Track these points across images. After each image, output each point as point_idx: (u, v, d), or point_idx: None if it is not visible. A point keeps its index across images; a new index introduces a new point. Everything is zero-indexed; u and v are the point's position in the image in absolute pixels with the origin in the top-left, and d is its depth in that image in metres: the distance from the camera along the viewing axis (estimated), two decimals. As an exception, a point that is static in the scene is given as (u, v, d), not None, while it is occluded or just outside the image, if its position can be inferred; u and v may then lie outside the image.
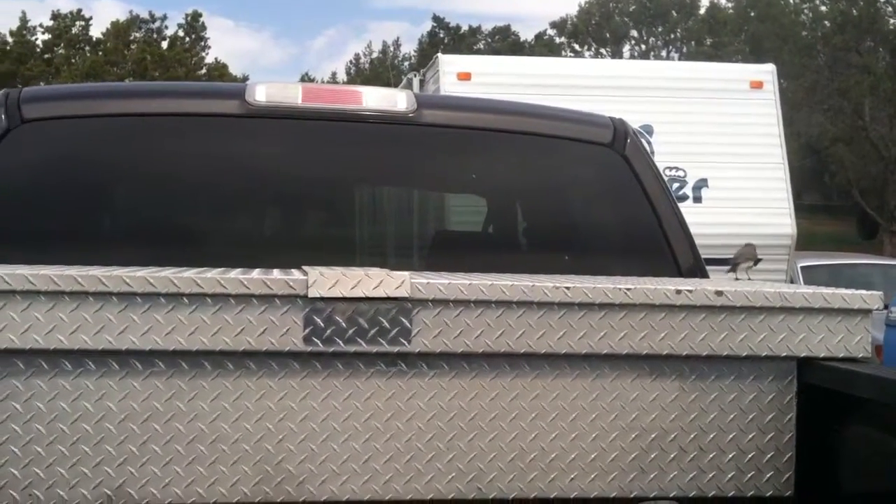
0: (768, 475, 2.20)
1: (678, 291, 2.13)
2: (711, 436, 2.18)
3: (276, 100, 2.85)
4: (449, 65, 9.29)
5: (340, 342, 2.04)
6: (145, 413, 2.01)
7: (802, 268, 11.15)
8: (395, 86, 14.29)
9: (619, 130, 3.03)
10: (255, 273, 2.09)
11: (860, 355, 2.20)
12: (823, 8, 35.53)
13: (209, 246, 2.84)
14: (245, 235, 2.98)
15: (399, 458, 2.09)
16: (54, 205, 2.75)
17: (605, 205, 3.05)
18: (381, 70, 52.48)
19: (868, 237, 36.21)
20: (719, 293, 2.15)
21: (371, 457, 2.08)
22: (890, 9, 34.97)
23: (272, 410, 2.05)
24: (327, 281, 2.03)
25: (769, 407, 2.20)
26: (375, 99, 2.92)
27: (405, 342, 2.05)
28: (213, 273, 2.05)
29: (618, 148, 2.99)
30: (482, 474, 2.11)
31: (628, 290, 2.12)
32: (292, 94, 2.88)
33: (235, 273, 2.07)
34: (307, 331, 2.03)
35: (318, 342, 2.03)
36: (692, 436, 2.18)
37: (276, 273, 2.11)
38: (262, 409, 2.05)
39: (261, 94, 2.84)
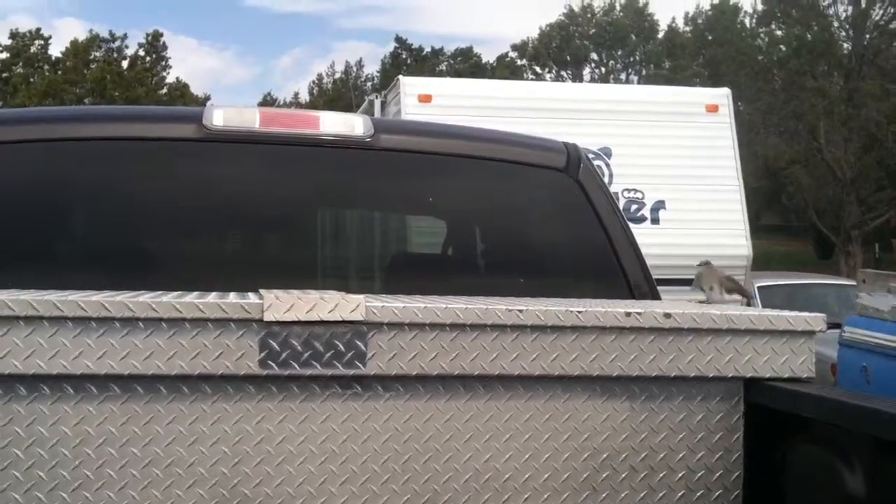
0: (717, 493, 2.24)
1: (628, 314, 2.18)
2: (661, 455, 2.22)
3: (234, 124, 2.87)
4: (410, 87, 9.36)
5: (296, 365, 2.05)
6: (101, 437, 2.01)
7: (759, 288, 11.30)
8: (358, 106, 14.31)
9: (572, 155, 3.09)
10: (211, 297, 2.10)
11: (804, 375, 2.26)
12: (779, 32, 36.15)
13: (167, 270, 2.85)
14: (203, 259, 2.98)
15: (355, 481, 2.11)
16: (8, 229, 2.74)
17: (559, 228, 3.09)
18: (343, 91, 52.51)
19: (824, 257, 36.75)
20: (668, 315, 2.19)
21: (327, 479, 2.10)
22: (844, 34, 35.70)
23: (228, 434, 2.06)
24: (283, 305, 2.05)
25: (717, 426, 2.25)
26: (333, 124, 2.95)
27: (360, 365, 2.07)
28: (169, 297, 2.06)
29: (571, 173, 3.05)
30: (437, 496, 2.14)
31: (580, 312, 2.16)
32: (249, 119, 2.90)
33: (191, 297, 2.08)
34: (263, 354, 2.04)
35: (274, 365, 2.04)
36: (642, 455, 2.22)
37: (232, 297, 2.12)
38: (217, 432, 2.06)
39: (218, 119, 2.86)
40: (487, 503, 2.16)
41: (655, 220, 9.31)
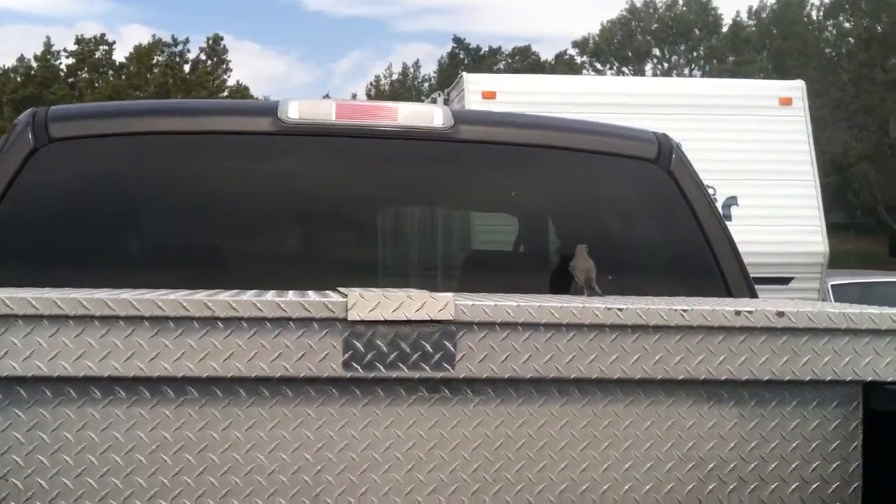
0: None
1: (737, 313, 2.03)
2: (773, 465, 2.07)
3: (310, 117, 2.79)
4: (474, 83, 9.22)
5: (381, 367, 1.94)
6: (178, 443, 1.92)
7: (833, 286, 10.96)
8: (418, 106, 14.20)
9: (663, 145, 2.95)
10: (292, 295, 2.00)
11: None
12: (848, 25, 35.34)
13: (242, 267, 2.77)
14: (280, 256, 2.90)
15: (443, 490, 1.99)
16: (82, 226, 2.69)
17: (649, 223, 2.95)
18: (400, 92, 52.69)
19: (894, 255, 35.80)
20: (781, 314, 2.04)
21: (413, 488, 1.99)
22: (915, 25, 34.74)
23: (310, 439, 1.96)
24: (367, 303, 1.94)
25: (833, 434, 2.09)
26: (411, 115, 2.85)
27: (449, 367, 1.96)
28: (249, 295, 1.96)
29: (662, 164, 2.90)
30: None
31: (684, 311, 2.02)
32: (325, 111, 2.82)
33: (271, 295, 1.98)
34: (347, 355, 1.93)
35: (358, 367, 1.94)
36: (752, 465, 2.07)
37: (314, 295, 2.02)
38: (299, 438, 1.96)
39: (293, 111, 2.78)
40: None
41: (727, 217, 9.03)
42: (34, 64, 45.01)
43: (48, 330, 1.86)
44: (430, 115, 2.85)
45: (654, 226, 2.94)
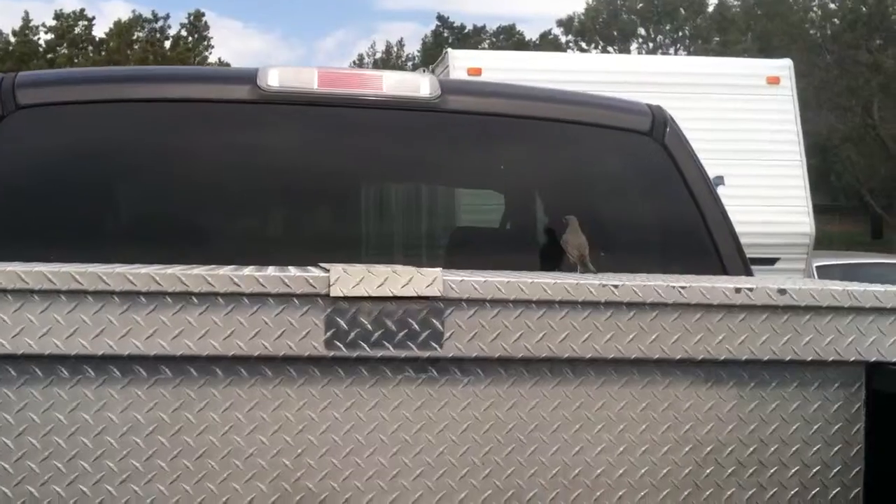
0: (835, 491, 2.02)
1: (737, 290, 1.96)
2: (772, 448, 2.01)
3: (291, 85, 2.69)
4: (459, 60, 9.12)
5: (365, 346, 1.86)
6: (150, 425, 1.83)
7: (818, 267, 10.95)
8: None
9: (657, 118, 2.87)
10: (271, 270, 1.91)
11: None
12: (832, 6, 35.36)
13: (218, 241, 2.67)
14: (258, 230, 2.81)
15: (430, 474, 1.91)
16: (52, 198, 2.58)
17: (643, 197, 2.86)
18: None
19: (875, 237, 35.97)
20: (782, 292, 1.97)
21: (399, 472, 1.91)
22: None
23: (290, 421, 1.88)
24: (351, 279, 1.85)
25: (835, 416, 2.03)
26: (396, 84, 2.75)
27: (437, 346, 1.88)
28: (225, 270, 1.87)
29: (657, 136, 2.82)
30: (521, 491, 1.94)
31: (682, 288, 1.94)
32: (307, 79, 2.71)
33: (249, 270, 1.89)
34: (329, 333, 1.85)
35: (341, 346, 1.85)
36: (751, 448, 2.00)
37: (294, 270, 1.92)
38: (279, 419, 1.87)
39: (273, 79, 2.67)
40: (577, 500, 1.95)
41: (714, 197, 8.98)
42: (12, 39, 44.45)
43: (12, 305, 1.76)
44: (416, 84, 2.76)
45: (648, 200, 2.86)
